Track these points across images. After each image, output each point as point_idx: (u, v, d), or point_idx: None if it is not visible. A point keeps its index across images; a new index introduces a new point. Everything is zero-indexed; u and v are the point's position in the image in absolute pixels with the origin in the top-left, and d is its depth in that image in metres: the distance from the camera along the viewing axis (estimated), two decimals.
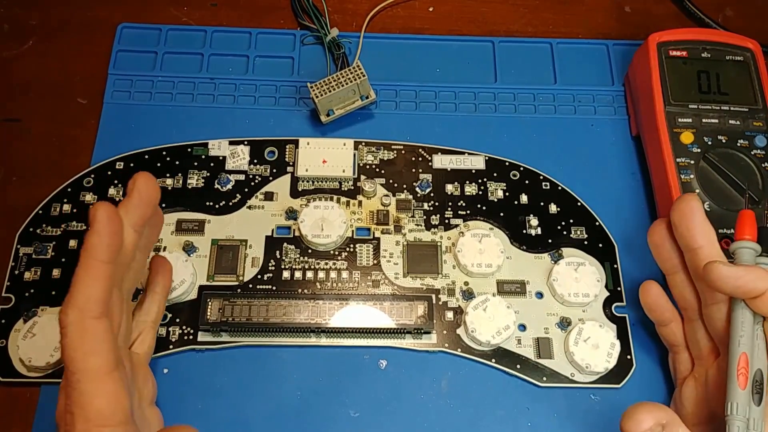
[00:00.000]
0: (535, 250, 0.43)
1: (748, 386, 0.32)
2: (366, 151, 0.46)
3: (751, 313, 0.33)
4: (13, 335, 0.40)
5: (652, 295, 0.39)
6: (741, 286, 0.32)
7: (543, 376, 0.40)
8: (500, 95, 0.49)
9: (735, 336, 0.33)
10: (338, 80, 0.45)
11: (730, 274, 0.32)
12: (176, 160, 0.45)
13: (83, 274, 0.29)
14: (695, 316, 0.37)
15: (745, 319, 0.33)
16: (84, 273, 0.29)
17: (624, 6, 0.54)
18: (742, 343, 0.33)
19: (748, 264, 0.34)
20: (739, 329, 0.33)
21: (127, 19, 0.51)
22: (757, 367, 0.32)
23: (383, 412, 0.39)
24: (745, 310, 0.33)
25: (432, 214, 0.44)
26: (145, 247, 0.36)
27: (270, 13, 0.52)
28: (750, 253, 0.35)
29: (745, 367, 0.32)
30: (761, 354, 0.33)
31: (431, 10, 0.53)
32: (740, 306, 0.33)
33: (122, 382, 0.29)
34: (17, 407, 0.39)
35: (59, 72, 0.49)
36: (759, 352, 0.33)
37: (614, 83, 0.50)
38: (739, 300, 0.33)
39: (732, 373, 0.32)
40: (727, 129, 0.43)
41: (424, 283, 0.42)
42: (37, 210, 0.43)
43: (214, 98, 0.48)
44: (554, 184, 0.45)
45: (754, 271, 0.32)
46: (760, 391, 0.32)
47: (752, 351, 0.33)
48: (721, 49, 0.46)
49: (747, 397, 0.31)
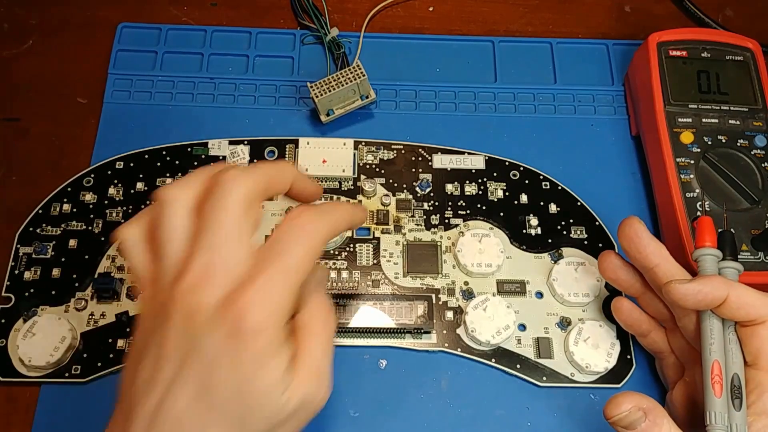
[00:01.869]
0: (535, 249, 0.43)
1: (725, 393, 0.32)
2: (366, 151, 0.46)
3: (720, 319, 0.34)
4: (13, 335, 0.40)
5: (625, 311, 0.39)
6: (702, 299, 0.33)
7: (543, 375, 0.40)
8: (500, 95, 0.49)
9: (705, 345, 0.33)
10: (338, 80, 0.45)
11: (688, 291, 0.33)
12: (176, 160, 0.45)
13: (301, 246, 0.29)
14: (675, 326, 0.37)
15: (713, 326, 0.33)
16: (303, 251, 0.28)
17: (624, 6, 0.54)
18: (712, 351, 0.33)
19: (711, 271, 0.35)
20: (708, 338, 0.33)
21: (127, 19, 0.51)
22: (734, 372, 0.32)
23: (383, 412, 0.39)
24: (713, 317, 0.34)
25: (432, 213, 0.44)
26: None
27: (270, 13, 0.52)
28: (712, 260, 0.35)
29: (719, 375, 0.32)
30: (736, 358, 0.33)
31: (431, 9, 0.53)
32: (707, 315, 0.34)
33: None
34: (17, 407, 0.39)
35: (59, 72, 0.49)
36: (733, 356, 0.33)
37: (614, 83, 0.50)
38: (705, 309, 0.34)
39: (707, 383, 0.32)
40: (727, 129, 0.43)
41: (424, 282, 0.42)
42: (37, 210, 0.43)
43: (214, 98, 0.48)
44: (554, 183, 0.45)
45: (711, 281, 0.33)
46: (739, 395, 0.32)
47: (725, 357, 0.33)
48: (721, 49, 0.46)
49: (725, 405, 0.32)
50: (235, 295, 0.26)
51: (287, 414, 0.28)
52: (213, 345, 0.26)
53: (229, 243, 0.27)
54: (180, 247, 0.28)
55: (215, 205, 0.28)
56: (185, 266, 0.27)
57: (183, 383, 0.26)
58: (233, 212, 0.28)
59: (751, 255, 0.40)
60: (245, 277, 0.27)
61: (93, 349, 0.40)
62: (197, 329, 0.26)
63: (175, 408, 0.26)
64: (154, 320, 0.28)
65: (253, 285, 0.27)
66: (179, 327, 0.27)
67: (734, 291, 0.33)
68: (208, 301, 0.26)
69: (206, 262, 0.27)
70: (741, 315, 0.33)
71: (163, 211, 0.29)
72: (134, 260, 0.29)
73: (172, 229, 0.28)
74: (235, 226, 0.28)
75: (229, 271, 0.27)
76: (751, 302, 0.33)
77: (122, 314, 0.41)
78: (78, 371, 0.39)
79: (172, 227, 0.28)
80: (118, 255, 0.42)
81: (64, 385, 0.39)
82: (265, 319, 0.27)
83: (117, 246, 0.30)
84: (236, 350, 0.26)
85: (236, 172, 0.29)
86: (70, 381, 0.39)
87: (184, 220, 0.28)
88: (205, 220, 0.28)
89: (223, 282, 0.27)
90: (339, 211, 0.31)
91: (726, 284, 0.33)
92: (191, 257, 0.27)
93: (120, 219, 0.43)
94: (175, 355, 0.27)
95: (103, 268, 0.42)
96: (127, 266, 0.31)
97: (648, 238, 0.35)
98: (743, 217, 0.41)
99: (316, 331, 0.30)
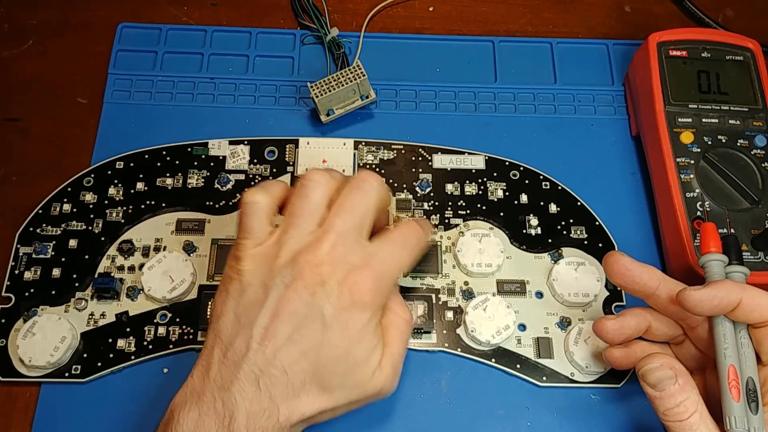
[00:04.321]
0: (535, 249, 0.43)
1: (742, 397, 0.32)
2: (366, 151, 0.46)
3: (731, 323, 0.34)
4: (13, 335, 0.40)
5: (610, 331, 0.37)
6: (717, 304, 0.33)
7: (543, 375, 0.40)
8: (500, 95, 0.49)
9: (720, 350, 0.33)
10: (338, 80, 0.45)
11: (704, 297, 0.33)
12: (176, 160, 0.45)
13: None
14: (682, 339, 0.37)
15: (726, 331, 0.33)
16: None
17: (624, 6, 0.54)
18: (727, 355, 0.33)
19: (719, 277, 0.35)
20: (722, 343, 0.33)
21: (127, 19, 0.51)
22: (748, 375, 0.32)
23: (383, 412, 0.39)
24: (725, 321, 0.33)
25: (432, 213, 0.44)
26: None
27: (270, 13, 0.52)
28: (719, 265, 0.35)
29: (735, 379, 0.32)
30: (749, 362, 0.33)
31: (431, 9, 0.53)
32: (719, 320, 0.34)
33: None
34: (17, 407, 0.39)
35: (59, 72, 0.49)
36: (746, 360, 0.33)
37: (614, 83, 0.50)
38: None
39: (724, 388, 0.32)
40: (727, 129, 0.43)
41: (424, 282, 0.42)
42: (37, 210, 0.43)
43: (214, 98, 0.48)
44: (554, 183, 0.45)
45: (723, 286, 0.33)
46: (755, 399, 0.32)
47: (739, 360, 0.33)
48: (721, 49, 0.46)
49: (743, 409, 0.31)
50: (356, 276, 0.32)
51: (366, 394, 0.33)
52: (331, 312, 0.32)
53: (356, 232, 0.33)
54: (313, 223, 0.33)
55: (355, 199, 0.34)
56: (315, 242, 0.33)
57: (297, 340, 0.31)
58: (367, 209, 0.34)
59: (751, 255, 0.40)
60: (362, 263, 0.33)
61: (93, 349, 0.40)
62: (320, 297, 0.32)
63: (287, 359, 0.31)
64: (271, 278, 0.32)
65: (371, 272, 0.33)
66: (302, 293, 0.32)
67: (746, 294, 0.33)
68: (331, 276, 0.32)
69: (335, 243, 0.33)
70: (755, 317, 0.33)
71: (312, 189, 0.34)
72: (256, 221, 0.34)
73: (314, 205, 0.34)
74: (364, 221, 0.34)
75: (351, 256, 0.33)
76: (764, 303, 0.33)
77: (122, 314, 0.41)
78: (78, 371, 0.39)
79: (315, 204, 0.34)
80: (118, 255, 0.42)
81: (64, 385, 0.39)
82: (374, 301, 0.33)
83: (240, 206, 0.35)
84: (348, 320, 0.32)
85: (376, 180, 0.35)
86: (70, 381, 0.39)
87: (324, 202, 0.34)
88: (342, 208, 0.34)
89: (345, 264, 0.32)
90: (429, 228, 0.39)
91: (738, 287, 0.33)
92: (323, 236, 0.33)
93: (120, 219, 0.43)
94: (295, 315, 0.31)
95: (103, 268, 0.42)
96: (244, 224, 0.34)
97: (638, 268, 0.35)
98: (743, 217, 0.41)
99: (401, 329, 0.35)
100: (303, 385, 0.31)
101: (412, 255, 0.35)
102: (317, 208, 0.34)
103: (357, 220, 0.34)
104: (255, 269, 0.33)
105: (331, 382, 0.32)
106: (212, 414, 0.30)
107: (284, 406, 0.31)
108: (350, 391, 0.33)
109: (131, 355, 0.40)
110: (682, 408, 0.31)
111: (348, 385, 0.33)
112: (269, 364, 0.31)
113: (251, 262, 0.33)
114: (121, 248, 0.42)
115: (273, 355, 0.31)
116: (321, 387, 0.32)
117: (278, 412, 0.31)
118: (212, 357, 0.32)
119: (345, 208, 0.34)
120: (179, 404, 0.31)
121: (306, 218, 0.34)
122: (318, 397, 0.32)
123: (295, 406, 0.31)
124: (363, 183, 0.34)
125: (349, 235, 0.33)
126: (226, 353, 0.31)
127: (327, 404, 0.32)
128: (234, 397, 0.30)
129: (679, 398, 0.31)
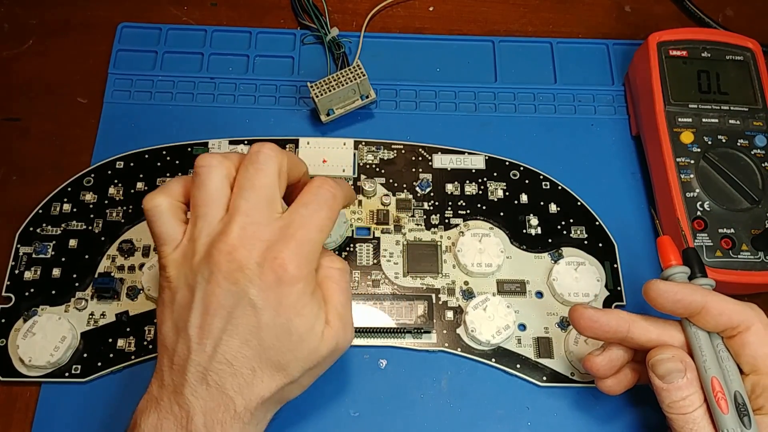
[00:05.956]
0: (535, 249, 0.43)
1: (731, 409, 0.31)
2: (366, 151, 0.46)
3: (705, 333, 0.33)
4: (13, 334, 0.40)
5: (602, 367, 0.36)
6: (680, 299, 0.33)
7: (543, 375, 0.40)
8: (500, 95, 0.49)
9: (699, 362, 0.33)
10: (338, 80, 0.45)
11: (668, 288, 0.33)
12: (176, 160, 0.45)
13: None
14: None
15: (701, 342, 0.33)
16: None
17: (624, 6, 0.54)
18: (707, 368, 0.32)
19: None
20: (699, 354, 0.33)
21: (127, 19, 0.51)
22: (734, 390, 0.32)
23: (383, 412, 0.39)
24: (698, 332, 0.33)
25: (432, 213, 0.44)
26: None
27: (270, 13, 0.52)
28: (682, 277, 0.35)
29: (721, 390, 0.32)
30: (733, 375, 0.32)
31: (431, 9, 0.53)
32: (692, 331, 0.33)
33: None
34: (17, 406, 0.39)
35: (59, 72, 0.49)
36: (730, 373, 0.33)
37: (614, 83, 0.50)
38: (689, 325, 0.34)
39: (712, 402, 0.32)
40: (727, 129, 0.43)
41: (424, 282, 0.42)
42: (37, 209, 0.43)
43: (214, 98, 0.48)
44: (554, 183, 0.45)
45: (688, 286, 0.33)
46: (746, 412, 0.31)
47: (723, 375, 0.32)
48: (721, 48, 0.46)
49: (735, 420, 0.31)
50: (275, 252, 0.31)
51: (321, 357, 0.33)
52: (258, 294, 0.31)
53: (263, 207, 0.32)
54: (219, 210, 0.32)
55: (253, 174, 0.32)
56: (224, 229, 0.31)
57: (233, 331, 0.31)
58: (268, 180, 0.32)
59: (751, 255, 0.40)
60: (278, 236, 0.31)
61: (93, 349, 0.40)
62: (243, 284, 0.31)
63: (228, 352, 0.31)
64: (193, 277, 0.32)
65: (290, 242, 0.31)
66: (223, 284, 0.31)
67: (711, 297, 0.33)
68: (248, 259, 0.31)
69: (244, 224, 0.31)
70: (724, 321, 0.33)
71: (206, 175, 0.33)
72: (164, 226, 0.33)
73: (213, 192, 0.32)
74: (269, 193, 0.32)
75: (263, 233, 0.31)
76: (731, 307, 0.33)
77: (122, 314, 0.41)
78: (78, 371, 0.39)
79: (214, 190, 0.32)
80: (118, 255, 0.42)
81: (64, 384, 0.39)
82: (300, 271, 0.31)
83: (145, 214, 0.34)
84: (278, 297, 0.31)
85: (270, 149, 0.33)
86: (70, 381, 0.39)
87: (224, 185, 0.33)
88: (242, 187, 0.32)
89: (260, 243, 0.31)
90: (347, 186, 0.36)
91: (703, 291, 0.33)
92: (230, 221, 0.31)
93: (120, 219, 0.43)
94: (223, 307, 0.31)
95: (103, 268, 0.42)
96: (154, 232, 0.33)
97: (604, 316, 0.34)
98: (743, 217, 0.41)
99: (336, 280, 0.34)
100: (253, 371, 0.31)
101: (331, 211, 0.33)
102: (218, 194, 0.32)
103: (261, 195, 0.32)
104: (178, 273, 0.32)
105: (281, 359, 0.32)
106: (170, 416, 0.31)
107: (239, 396, 0.31)
108: (304, 361, 0.32)
109: (131, 355, 0.40)
110: (688, 402, 0.32)
111: (300, 356, 0.32)
112: (212, 360, 0.31)
113: (174, 267, 0.32)
114: (121, 248, 0.42)
115: (213, 351, 0.31)
116: (273, 367, 0.32)
117: (234, 404, 0.31)
118: (163, 365, 0.32)
119: (245, 186, 0.32)
120: (141, 411, 0.32)
121: (210, 206, 0.32)
122: (273, 377, 0.32)
123: (251, 393, 0.31)
124: (257, 155, 0.33)
125: (257, 212, 0.32)
126: (173, 359, 0.32)
127: (284, 380, 0.32)
128: (187, 399, 0.31)
129: (686, 392, 0.32)
